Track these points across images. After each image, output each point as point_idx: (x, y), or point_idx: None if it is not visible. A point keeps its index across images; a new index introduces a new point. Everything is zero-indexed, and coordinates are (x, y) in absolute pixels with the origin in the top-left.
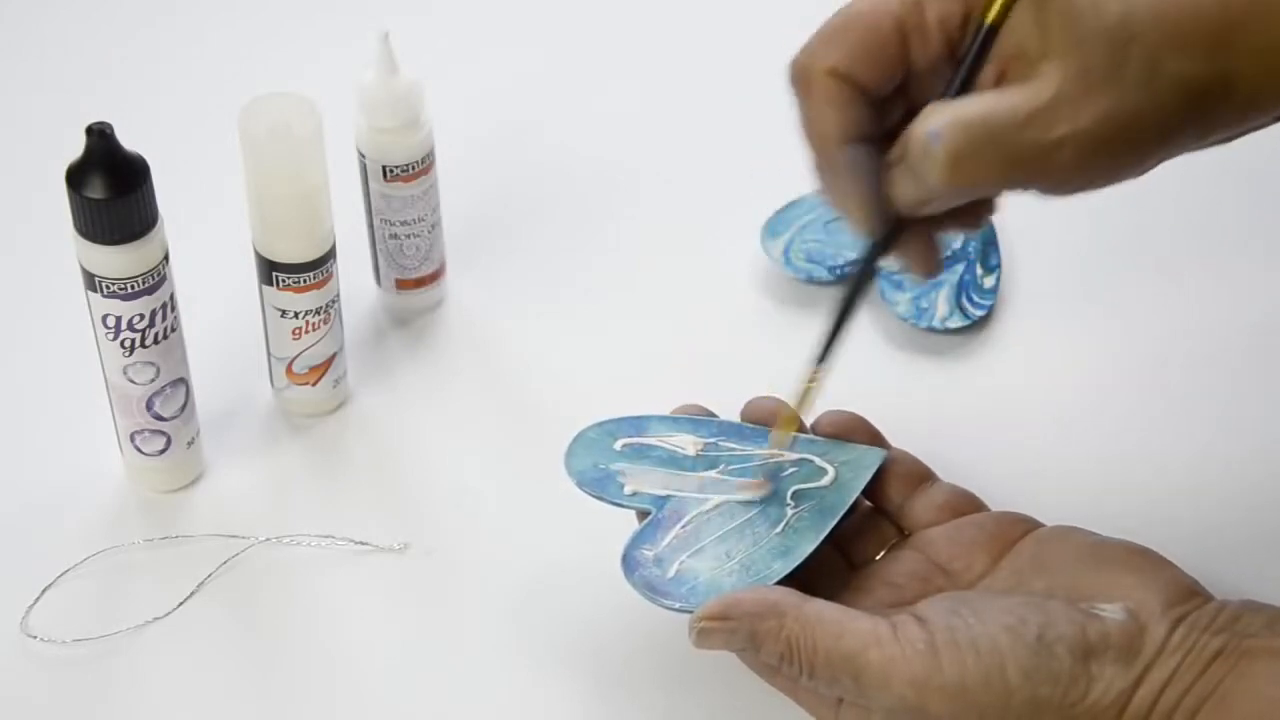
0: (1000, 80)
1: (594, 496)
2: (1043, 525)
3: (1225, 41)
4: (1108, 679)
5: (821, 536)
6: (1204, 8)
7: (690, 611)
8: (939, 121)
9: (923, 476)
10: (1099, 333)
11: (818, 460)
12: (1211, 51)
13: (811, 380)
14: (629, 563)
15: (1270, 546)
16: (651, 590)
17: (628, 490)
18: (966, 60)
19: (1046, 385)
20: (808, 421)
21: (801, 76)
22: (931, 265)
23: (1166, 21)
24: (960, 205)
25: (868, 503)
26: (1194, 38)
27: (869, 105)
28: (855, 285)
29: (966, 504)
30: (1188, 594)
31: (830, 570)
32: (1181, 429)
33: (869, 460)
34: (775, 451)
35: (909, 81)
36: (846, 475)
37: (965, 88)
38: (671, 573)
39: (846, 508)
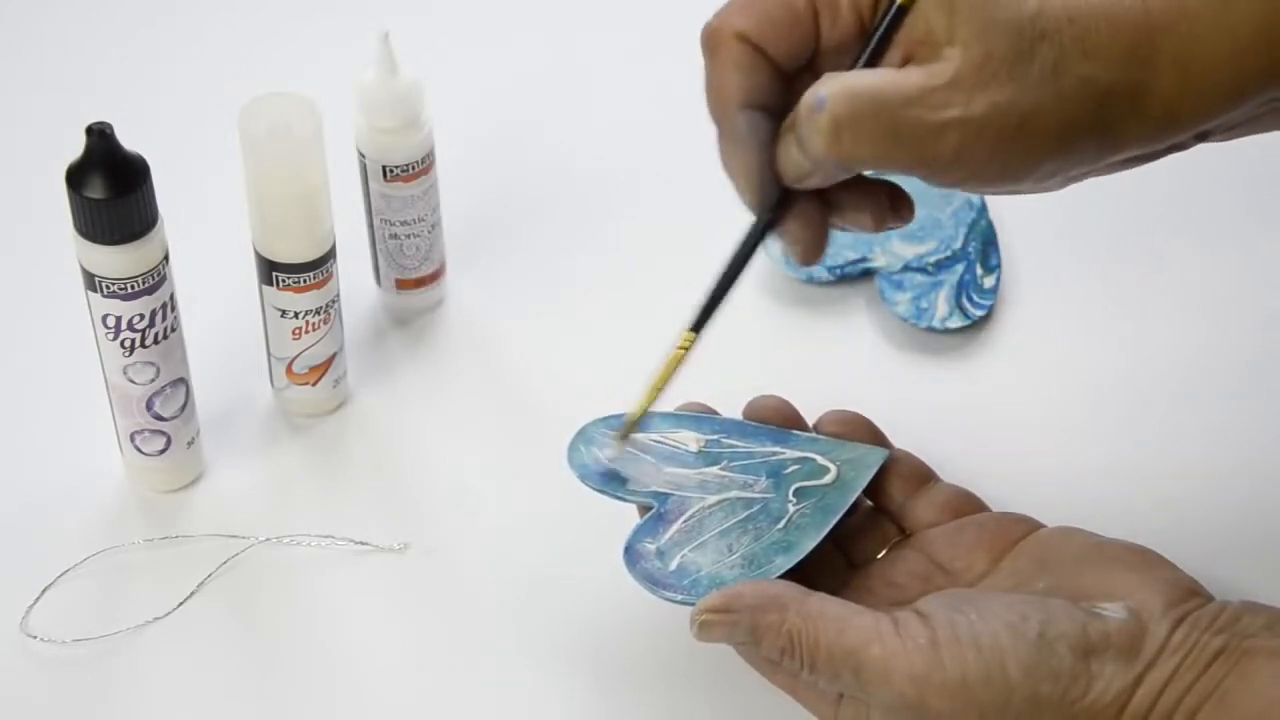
0: (905, 64)
1: (596, 491)
2: (1043, 526)
3: (1142, 49)
4: (1108, 677)
5: (823, 533)
6: (1122, 12)
7: (691, 604)
8: (828, 88)
9: (924, 476)
10: (1099, 333)
11: (820, 458)
12: (1126, 59)
13: (681, 345)
14: (631, 555)
15: (1270, 547)
16: (653, 583)
17: (630, 485)
18: (873, 37)
19: (1047, 385)
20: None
21: (711, 39)
22: (813, 253)
23: (1080, 23)
24: (865, 199)
25: (869, 502)
26: (1109, 43)
27: (773, 75)
28: (738, 258)
29: (968, 504)
30: (1188, 594)
31: (831, 569)
32: (1182, 429)
33: (871, 459)
34: (776, 449)
35: (819, 57)
36: (849, 474)
37: (869, 65)
38: (673, 566)
39: (848, 506)
